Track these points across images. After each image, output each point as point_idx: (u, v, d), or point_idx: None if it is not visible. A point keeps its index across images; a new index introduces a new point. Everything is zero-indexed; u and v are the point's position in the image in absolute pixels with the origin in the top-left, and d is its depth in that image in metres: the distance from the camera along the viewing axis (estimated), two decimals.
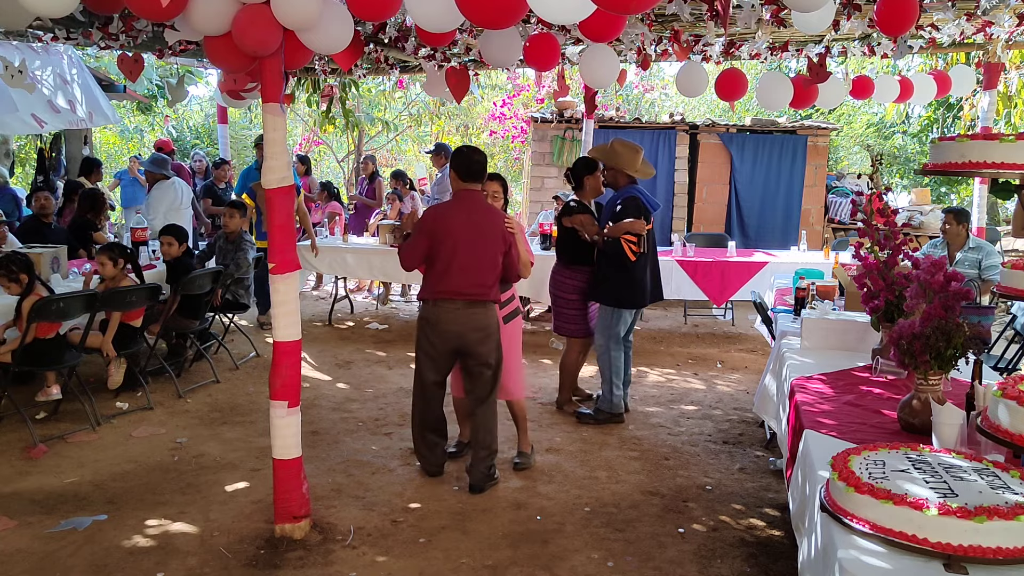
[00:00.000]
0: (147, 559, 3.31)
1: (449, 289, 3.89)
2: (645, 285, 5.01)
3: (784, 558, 3.35)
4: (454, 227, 3.87)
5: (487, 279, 3.90)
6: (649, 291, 5.09)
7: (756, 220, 9.76)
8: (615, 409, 5.06)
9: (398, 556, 3.36)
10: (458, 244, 3.85)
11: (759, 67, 9.80)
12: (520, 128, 13.26)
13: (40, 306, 4.50)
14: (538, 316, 8.28)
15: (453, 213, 3.94)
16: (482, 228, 3.89)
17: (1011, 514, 1.81)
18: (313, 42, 3.32)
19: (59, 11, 3.32)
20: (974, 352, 2.65)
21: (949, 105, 12.28)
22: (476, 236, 3.87)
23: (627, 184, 4.96)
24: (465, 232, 3.86)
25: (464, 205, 3.95)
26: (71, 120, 8.16)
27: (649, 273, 5.05)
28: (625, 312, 5.01)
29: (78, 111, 8.17)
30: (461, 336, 3.92)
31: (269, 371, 3.46)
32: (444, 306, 3.91)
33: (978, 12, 4.99)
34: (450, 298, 3.90)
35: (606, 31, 3.77)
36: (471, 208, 3.93)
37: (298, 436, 3.47)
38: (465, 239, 3.85)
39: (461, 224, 3.87)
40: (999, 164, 2.74)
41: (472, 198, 3.97)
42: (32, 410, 4.87)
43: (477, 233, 3.88)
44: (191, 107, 18.09)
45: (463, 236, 3.86)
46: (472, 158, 3.98)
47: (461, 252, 3.85)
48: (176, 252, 5.84)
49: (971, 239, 6.00)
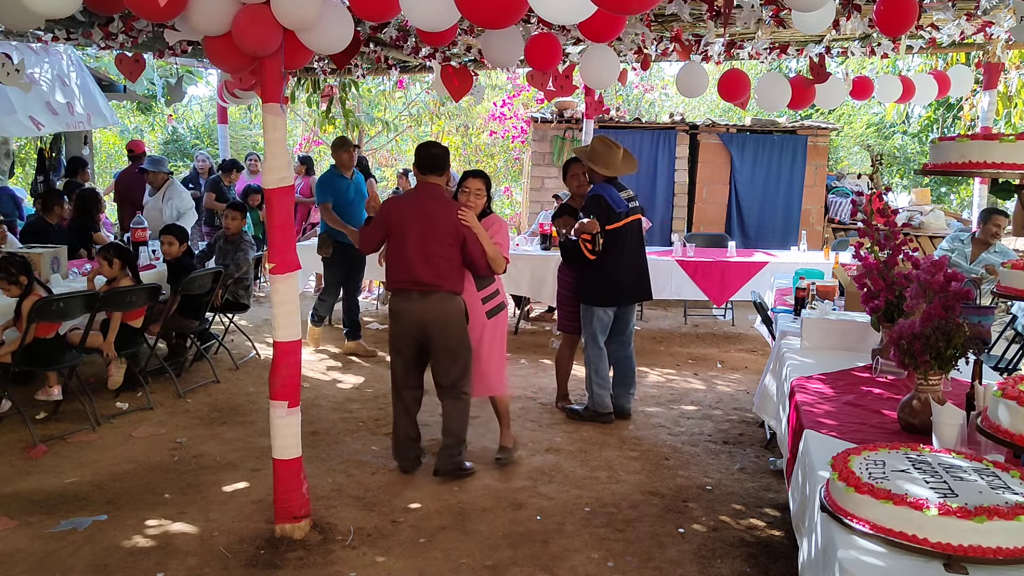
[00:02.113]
0: (147, 559, 3.31)
1: (403, 279, 4.01)
2: (620, 283, 4.96)
3: (784, 558, 3.35)
4: (406, 218, 3.98)
5: (440, 270, 3.95)
6: (629, 290, 5.03)
7: (756, 220, 9.76)
8: (599, 408, 5.05)
9: (398, 556, 3.36)
10: (408, 234, 3.96)
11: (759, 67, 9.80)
12: (520, 128, 13.26)
13: (40, 306, 4.50)
14: (538, 316, 8.28)
15: (406, 204, 4.06)
16: (433, 220, 3.95)
17: (1011, 514, 1.81)
18: (313, 42, 3.32)
19: (61, 11, 3.32)
20: (974, 352, 2.65)
21: (949, 105, 12.28)
22: (426, 227, 3.95)
23: (600, 182, 4.95)
24: (415, 223, 3.96)
25: (419, 197, 4.06)
26: (69, 122, 8.14)
27: (631, 271, 4.99)
28: (598, 310, 4.99)
29: (76, 112, 8.16)
30: (421, 326, 4.00)
31: (269, 371, 3.46)
32: (402, 296, 4.05)
33: (978, 12, 4.99)
34: (407, 288, 4.01)
35: (606, 31, 3.77)
36: (424, 200, 4.02)
37: (298, 436, 3.47)
38: (415, 230, 3.95)
39: (413, 215, 3.98)
40: (999, 164, 2.74)
41: (428, 190, 4.06)
42: (32, 410, 4.87)
43: (427, 224, 3.95)
44: (191, 107, 18.10)
45: (413, 227, 3.96)
46: (429, 151, 4.09)
47: (411, 242, 3.96)
48: (176, 252, 5.84)
49: (997, 243, 5.94)
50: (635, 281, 5.06)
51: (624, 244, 4.93)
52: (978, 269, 5.80)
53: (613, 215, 4.86)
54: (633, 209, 5.01)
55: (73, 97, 8.16)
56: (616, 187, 4.96)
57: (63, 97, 7.99)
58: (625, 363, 5.18)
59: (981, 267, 5.78)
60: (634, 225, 5.01)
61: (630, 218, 4.96)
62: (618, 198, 4.91)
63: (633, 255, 5.02)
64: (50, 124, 7.87)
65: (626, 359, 5.18)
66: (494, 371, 4.30)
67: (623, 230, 4.91)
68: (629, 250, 4.98)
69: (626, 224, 4.93)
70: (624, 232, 4.92)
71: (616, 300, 5.01)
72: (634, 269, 5.04)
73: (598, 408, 5.06)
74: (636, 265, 5.05)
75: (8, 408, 4.78)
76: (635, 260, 5.04)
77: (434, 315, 3.98)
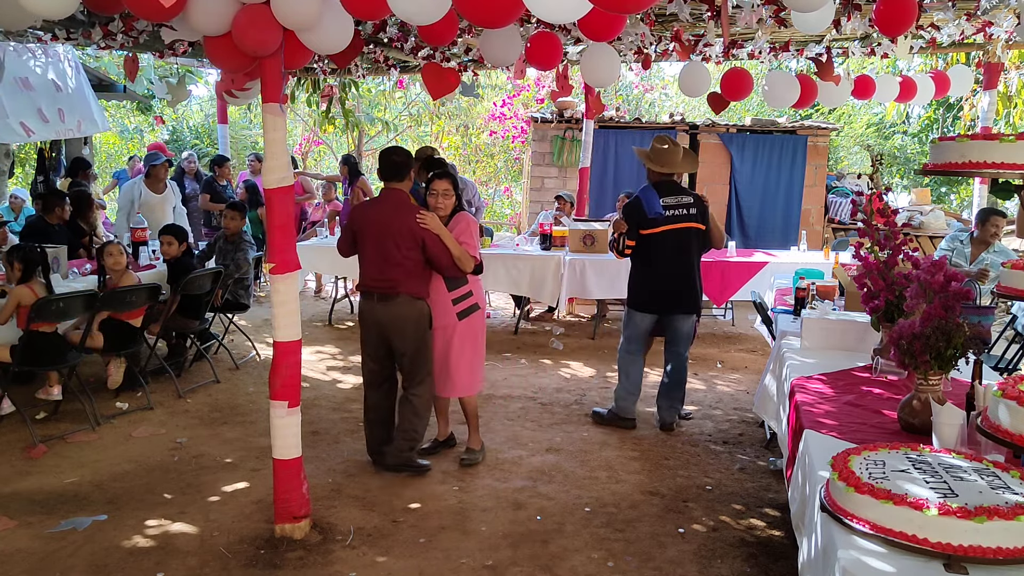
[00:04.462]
0: (147, 559, 3.31)
1: (365, 282, 4.15)
2: (653, 290, 4.86)
3: (784, 558, 3.35)
4: (366, 223, 4.09)
5: (395, 274, 4.02)
6: (663, 299, 4.87)
7: (756, 220, 9.76)
8: (621, 412, 5.02)
9: (398, 556, 3.36)
10: (367, 239, 4.08)
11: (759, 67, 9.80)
12: (520, 128, 13.26)
13: (40, 306, 4.51)
14: (538, 316, 8.28)
15: (367, 210, 4.16)
16: (389, 225, 4.02)
17: (1011, 514, 1.81)
18: (313, 42, 3.32)
19: (60, 12, 3.32)
20: (974, 352, 2.65)
21: (949, 105, 12.29)
22: (383, 232, 4.03)
23: (655, 181, 4.86)
24: (373, 228, 4.06)
25: (379, 203, 4.16)
26: (59, 129, 8.09)
27: (665, 280, 4.83)
28: (635, 314, 4.96)
29: (67, 120, 8.09)
30: (381, 327, 4.11)
31: (269, 371, 3.46)
32: (366, 298, 4.16)
33: (978, 12, 4.99)
34: (368, 291, 4.13)
35: (606, 30, 3.77)
36: (383, 205, 4.11)
37: (298, 436, 3.47)
38: (373, 235, 4.06)
39: (372, 220, 4.08)
40: (999, 164, 2.74)
41: (389, 196, 4.13)
42: (32, 410, 4.87)
43: (384, 229, 4.03)
44: (191, 107, 18.09)
45: (371, 232, 4.06)
46: (390, 158, 4.16)
47: (369, 247, 4.07)
48: (175, 252, 5.83)
49: (996, 243, 5.95)
50: (671, 291, 4.85)
51: (660, 251, 4.79)
52: None
53: (645, 220, 4.77)
54: (676, 217, 4.76)
55: (66, 103, 8.09)
56: (666, 192, 4.79)
57: (56, 103, 7.91)
58: (671, 375, 4.98)
59: (981, 267, 5.78)
60: (678, 234, 4.77)
61: (671, 226, 4.75)
62: (655, 204, 4.76)
63: (671, 264, 4.81)
64: (40, 131, 7.79)
65: (672, 371, 4.97)
66: (464, 372, 4.31)
67: (659, 237, 4.76)
68: (667, 259, 4.80)
69: (663, 232, 4.75)
70: (661, 239, 4.76)
71: (646, 306, 4.92)
72: (671, 279, 4.83)
73: (620, 412, 5.03)
74: (674, 275, 4.83)
75: (8, 408, 4.78)
76: (673, 269, 4.82)
77: (391, 318, 4.06)
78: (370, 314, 4.12)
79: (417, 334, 4.09)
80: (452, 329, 4.25)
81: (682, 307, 4.89)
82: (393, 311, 4.05)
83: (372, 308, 4.10)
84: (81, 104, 8.40)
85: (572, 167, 9.88)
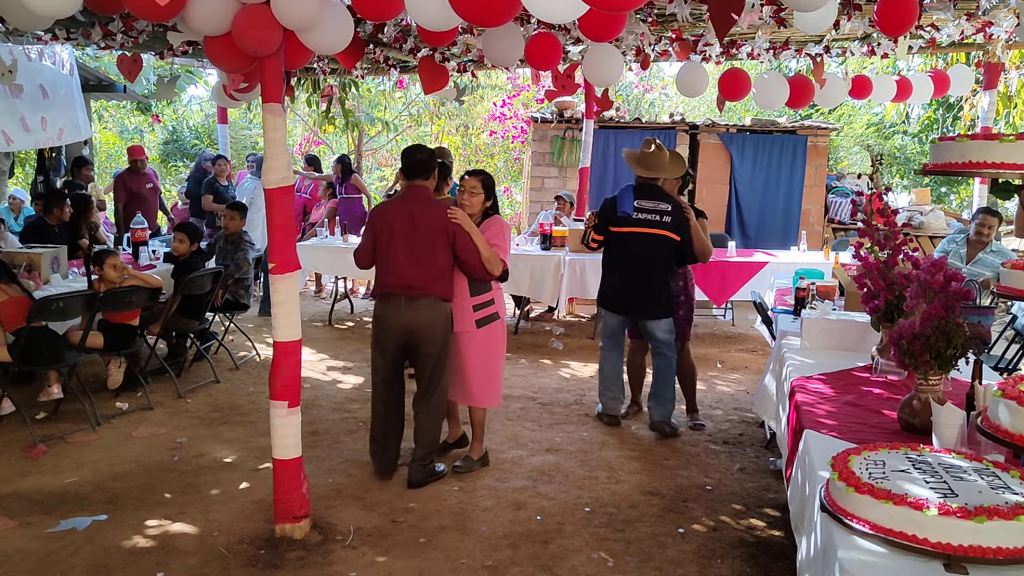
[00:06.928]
0: (147, 559, 3.31)
1: (390, 283, 3.96)
2: (609, 288, 4.92)
3: (784, 558, 3.35)
4: (392, 222, 3.95)
5: (429, 273, 3.91)
6: (616, 299, 4.88)
7: (756, 220, 9.76)
8: (605, 410, 5.08)
9: (398, 556, 3.36)
10: (394, 238, 3.93)
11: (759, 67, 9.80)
12: (520, 128, 13.26)
13: (40, 306, 4.51)
14: (538, 316, 8.28)
15: (392, 208, 4.03)
16: (419, 222, 3.91)
17: (1011, 514, 1.81)
18: (313, 42, 3.32)
19: (61, 12, 3.32)
20: (974, 352, 2.65)
21: (949, 105, 12.29)
22: (412, 230, 3.91)
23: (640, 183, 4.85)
24: (402, 226, 3.92)
25: (405, 201, 4.02)
26: (39, 139, 8.00)
27: (622, 282, 4.81)
28: (602, 310, 5.07)
29: (48, 128, 8.01)
30: (408, 332, 3.96)
31: (269, 371, 3.46)
32: (389, 302, 3.98)
33: (978, 12, 4.99)
34: (394, 294, 3.95)
35: (606, 30, 3.77)
36: (410, 203, 3.98)
37: (298, 436, 3.47)
38: (401, 233, 3.92)
39: (399, 219, 3.94)
40: (999, 164, 2.74)
41: (415, 194, 4.02)
42: (32, 410, 4.87)
43: (414, 227, 3.91)
44: (191, 107, 18.07)
45: (400, 231, 3.92)
46: (413, 156, 4.06)
47: (398, 246, 3.92)
48: (185, 251, 5.81)
49: (994, 243, 5.95)
50: (624, 293, 4.83)
51: (622, 252, 4.80)
52: (974, 270, 5.81)
53: (614, 218, 4.80)
54: (644, 221, 4.71)
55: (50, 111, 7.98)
56: (644, 195, 4.75)
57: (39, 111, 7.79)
58: (655, 374, 4.94)
59: (979, 268, 5.79)
60: (642, 238, 4.72)
61: (636, 228, 4.72)
62: (627, 203, 4.76)
63: (630, 266, 4.78)
64: (20, 140, 7.68)
65: (656, 371, 4.92)
66: (478, 382, 4.19)
67: (624, 237, 4.76)
68: (626, 260, 4.79)
69: (628, 232, 4.74)
70: (625, 240, 4.76)
71: (608, 304, 4.97)
72: (628, 281, 4.79)
73: (604, 410, 5.10)
74: (631, 278, 4.78)
75: (8, 408, 4.77)
76: (630, 272, 4.77)
77: (420, 322, 3.93)
78: (395, 319, 3.96)
79: (445, 337, 4.00)
80: (469, 336, 4.12)
81: (645, 312, 4.84)
82: (422, 314, 3.92)
83: (397, 311, 3.94)
84: (66, 111, 8.26)
85: (572, 167, 9.88)
